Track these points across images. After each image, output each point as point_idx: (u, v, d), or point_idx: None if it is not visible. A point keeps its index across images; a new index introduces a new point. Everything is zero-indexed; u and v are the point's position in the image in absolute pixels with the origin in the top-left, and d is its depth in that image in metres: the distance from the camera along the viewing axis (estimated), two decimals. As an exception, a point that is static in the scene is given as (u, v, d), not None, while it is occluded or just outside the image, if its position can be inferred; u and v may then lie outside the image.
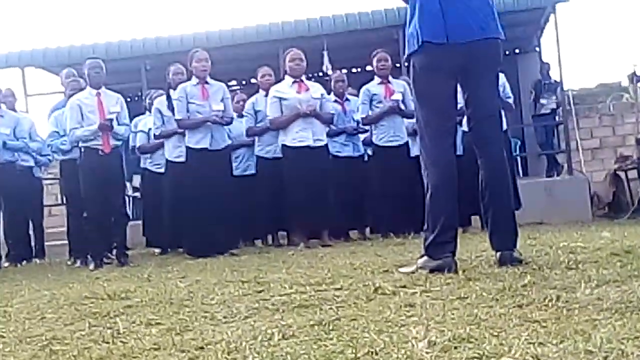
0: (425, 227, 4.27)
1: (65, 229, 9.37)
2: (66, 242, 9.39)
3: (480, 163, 4.34)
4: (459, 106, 4.50)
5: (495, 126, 4.38)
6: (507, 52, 15.05)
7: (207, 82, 8.18)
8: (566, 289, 3.23)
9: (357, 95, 9.49)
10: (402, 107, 8.64)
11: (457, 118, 4.96)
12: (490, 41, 4.24)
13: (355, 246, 7.54)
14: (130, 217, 10.57)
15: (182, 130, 8.29)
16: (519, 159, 14.21)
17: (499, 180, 4.30)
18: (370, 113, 8.86)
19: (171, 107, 8.42)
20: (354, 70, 15.39)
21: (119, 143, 8.08)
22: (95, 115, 7.88)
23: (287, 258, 6.57)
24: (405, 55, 4.40)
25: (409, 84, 5.18)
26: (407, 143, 8.67)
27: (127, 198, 10.25)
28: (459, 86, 4.37)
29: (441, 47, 4.16)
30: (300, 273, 4.76)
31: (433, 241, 4.17)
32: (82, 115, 7.90)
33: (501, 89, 8.45)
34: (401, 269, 4.35)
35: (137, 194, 11.61)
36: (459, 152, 7.53)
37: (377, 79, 8.95)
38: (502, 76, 8.52)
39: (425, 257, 4.22)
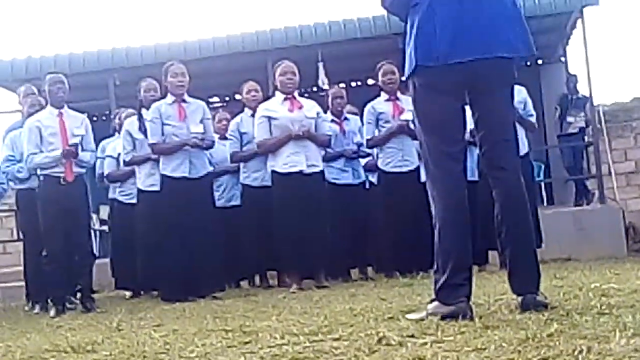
0: (434, 267, 4.27)
1: (21, 268, 9.35)
2: (23, 284, 9.37)
3: (494, 194, 4.34)
4: (470, 127, 4.51)
5: (511, 151, 4.38)
6: (528, 63, 15.12)
7: (184, 100, 8.20)
8: (598, 338, 3.23)
9: (357, 114, 9.53)
10: (413, 127, 8.61)
11: (471, 139, 4.97)
12: (496, 60, 4.22)
13: (355, 288, 7.52)
14: (97, 255, 10.57)
15: (156, 156, 8.31)
16: (542, 185, 14.24)
17: (517, 214, 4.29)
18: (376, 134, 8.90)
19: (143, 129, 8.43)
20: (353, 84, 15.45)
21: (84, 170, 8.11)
22: (56, 138, 7.91)
23: (278, 302, 6.56)
24: (404, 77, 4.43)
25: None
26: (417, 168, 8.63)
27: (93, 233, 10.24)
28: (467, 106, 4.38)
29: (437, 68, 4.17)
30: (293, 320, 4.75)
31: (444, 284, 4.16)
32: (41, 138, 7.93)
33: (522, 106, 8.55)
34: (409, 316, 4.34)
35: (105, 228, 11.62)
36: (474, 177, 7.57)
37: (383, 96, 9.00)
38: (523, 91, 8.58)
39: (436, 302, 4.21)
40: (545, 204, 13.90)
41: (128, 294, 9.55)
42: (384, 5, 4.54)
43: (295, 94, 8.53)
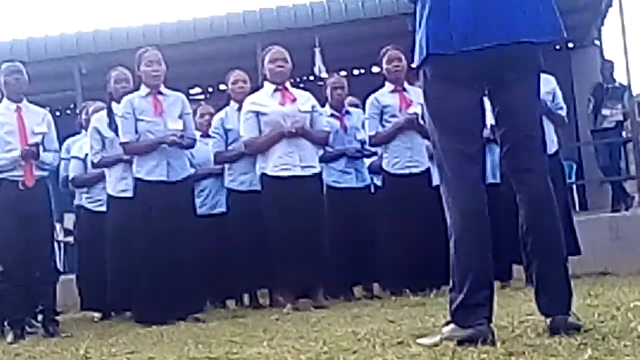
0: (450, 284, 4.27)
1: (-26, 287, 9.35)
2: (-24, 304, 9.37)
3: (519, 200, 4.34)
4: (489, 123, 4.50)
5: (537, 150, 4.37)
6: (557, 47, 15.14)
7: (160, 92, 8.21)
8: (639, 366, 3.24)
9: (360, 106, 9.52)
10: (422, 122, 8.59)
11: (491, 136, 4.97)
12: (520, 46, 4.22)
13: (359, 308, 7.54)
14: (61, 270, 10.55)
15: (128, 157, 8.32)
16: (574, 188, 14.25)
17: (544, 222, 4.29)
18: (380, 130, 8.90)
19: (114, 126, 8.44)
20: (355, 72, 15.47)
21: (46, 173, 8.10)
22: (14, 137, 7.89)
23: (270, 325, 6.58)
24: (415, 65, 4.42)
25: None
26: (428, 170, 8.66)
27: (56, 245, 10.24)
28: (486, 98, 4.38)
29: (452, 56, 4.17)
30: (287, 346, 4.76)
31: (461, 304, 4.16)
32: (-4, 137, 7.93)
33: (550, 98, 8.58)
34: (420, 341, 4.34)
35: (70, 240, 11.61)
36: (495, 179, 7.57)
37: (388, 86, 8.99)
38: (551, 80, 8.60)
39: (452, 325, 4.22)
40: (577, 209, 13.91)
41: (97, 315, 9.53)
42: None
43: (288, 84, 8.54)
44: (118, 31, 13.55)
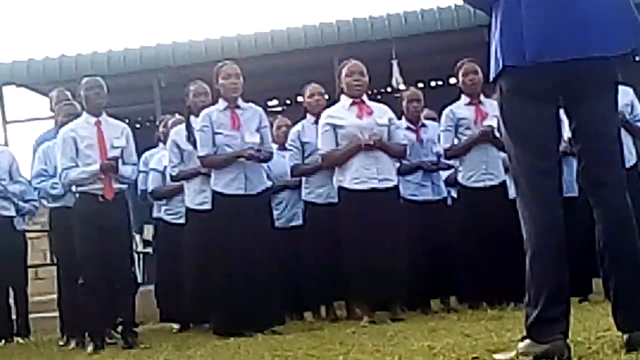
0: (526, 299, 4.25)
1: (55, 297, 9.45)
2: (57, 314, 9.47)
3: (596, 215, 4.29)
4: (567, 136, 4.47)
5: (615, 164, 4.32)
6: (637, 58, 14.94)
7: (238, 106, 8.26)
8: None
9: (436, 119, 9.49)
10: (498, 135, 8.53)
11: (568, 149, 4.92)
12: (596, 61, 4.19)
13: (436, 321, 7.50)
14: (140, 281, 10.65)
15: (206, 170, 8.40)
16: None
17: (622, 238, 4.22)
18: (456, 142, 8.89)
19: (192, 139, 8.51)
20: (433, 84, 15.41)
21: (124, 187, 8.21)
22: (94, 150, 8.00)
23: (346, 338, 6.57)
24: (491, 79, 4.41)
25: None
26: (504, 182, 8.63)
27: (135, 256, 10.34)
28: (562, 112, 4.35)
29: (526, 69, 4.15)
30: (364, 359, 4.76)
31: (537, 319, 4.13)
32: (77, 150, 8.01)
33: (629, 110, 8.46)
34: (497, 356, 4.33)
35: (149, 250, 11.71)
36: (574, 192, 7.50)
37: (464, 99, 8.96)
38: (629, 91, 8.48)
39: (528, 340, 4.18)
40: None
41: (175, 327, 9.60)
42: None
43: (364, 97, 8.54)
44: (196, 44, 13.66)
